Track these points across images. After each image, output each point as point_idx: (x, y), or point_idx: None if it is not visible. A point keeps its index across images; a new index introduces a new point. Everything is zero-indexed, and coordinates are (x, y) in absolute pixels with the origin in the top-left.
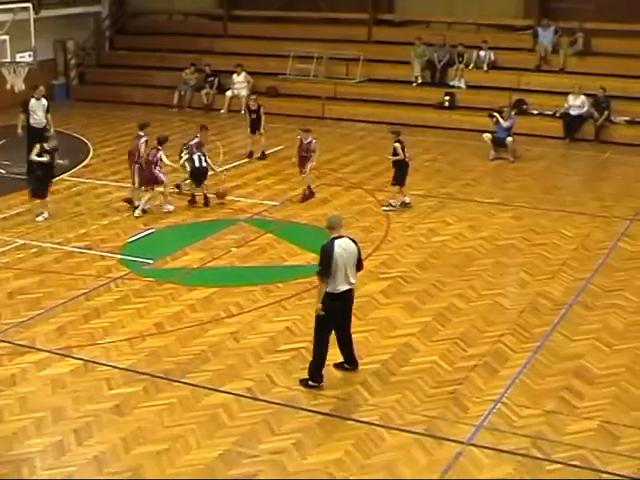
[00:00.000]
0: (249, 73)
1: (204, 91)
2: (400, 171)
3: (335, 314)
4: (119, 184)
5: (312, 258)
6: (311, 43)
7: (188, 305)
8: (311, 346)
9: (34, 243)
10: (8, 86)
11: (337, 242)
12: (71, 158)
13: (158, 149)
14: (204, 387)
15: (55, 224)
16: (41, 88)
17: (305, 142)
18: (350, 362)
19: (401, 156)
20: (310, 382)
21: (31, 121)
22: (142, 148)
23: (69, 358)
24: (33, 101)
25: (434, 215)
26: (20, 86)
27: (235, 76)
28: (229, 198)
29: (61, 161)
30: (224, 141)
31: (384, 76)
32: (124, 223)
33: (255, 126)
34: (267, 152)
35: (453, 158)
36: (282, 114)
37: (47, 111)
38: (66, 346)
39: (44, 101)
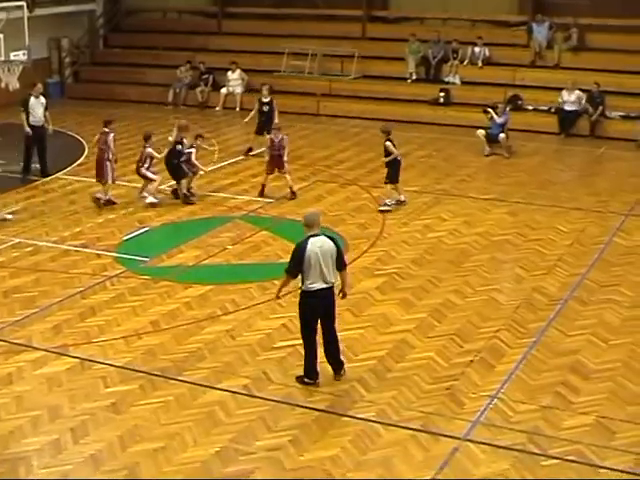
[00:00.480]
0: (244, 70)
1: (199, 89)
2: (393, 169)
3: (312, 312)
4: (115, 182)
5: None
6: (306, 40)
7: (184, 303)
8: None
9: (29, 242)
10: (2, 85)
11: (312, 240)
12: (66, 156)
13: (145, 147)
14: (200, 385)
15: (50, 222)
16: (39, 86)
17: (277, 140)
18: (333, 364)
19: (394, 154)
20: (306, 379)
21: (30, 119)
22: (112, 144)
23: (65, 357)
24: (32, 99)
25: (429, 211)
26: (14, 85)
27: (230, 73)
28: (224, 195)
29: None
30: (219, 138)
31: (379, 73)
32: (119, 221)
33: (266, 124)
34: (261, 150)
35: (448, 154)
36: (279, 111)
37: (46, 109)
38: (62, 345)
39: (42, 99)
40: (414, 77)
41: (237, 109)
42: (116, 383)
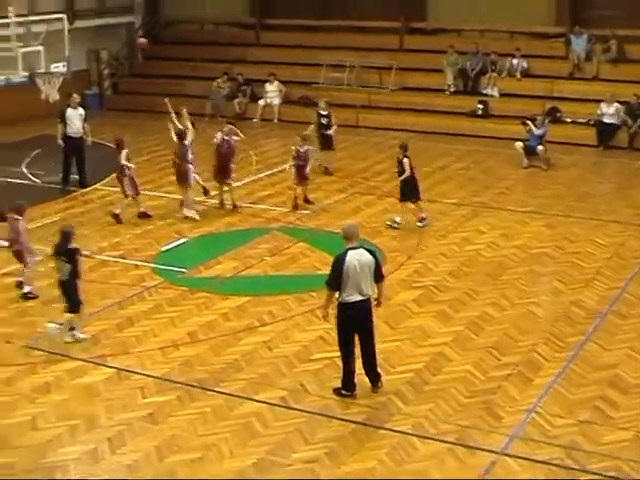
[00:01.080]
0: (282, 82)
1: (237, 100)
2: (409, 186)
3: (349, 324)
4: (153, 193)
5: None
6: (344, 52)
7: (221, 314)
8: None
9: None
10: (42, 96)
11: (350, 253)
12: (104, 168)
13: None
14: (237, 396)
15: (89, 233)
16: (75, 96)
17: (302, 150)
18: (370, 376)
19: (408, 173)
20: (343, 391)
21: (68, 130)
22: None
23: (103, 367)
24: (70, 110)
25: (467, 224)
26: (54, 96)
27: (268, 85)
28: (261, 206)
29: None
30: (257, 150)
31: (417, 84)
32: (157, 232)
33: (328, 138)
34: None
35: (486, 166)
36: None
37: (84, 120)
38: (100, 355)
39: (81, 110)
40: (452, 89)
41: (275, 120)
42: (153, 394)
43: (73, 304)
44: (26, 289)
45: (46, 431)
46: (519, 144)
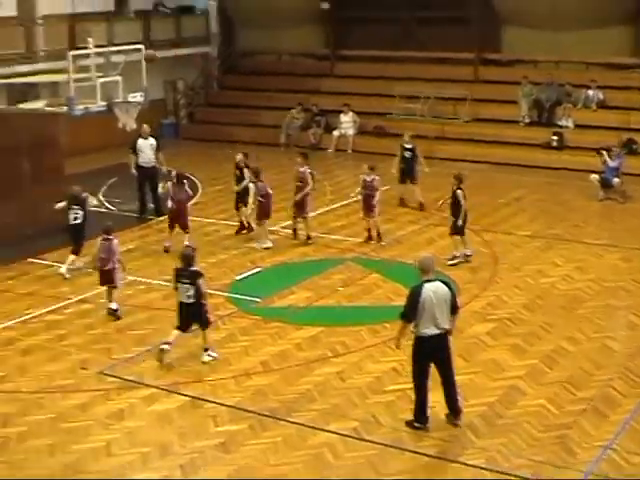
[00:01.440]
0: (356, 112)
1: (311, 130)
2: (459, 218)
3: (425, 357)
4: (227, 222)
5: None
6: (417, 82)
7: (294, 344)
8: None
9: (143, 280)
10: (120, 125)
11: (427, 285)
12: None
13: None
14: (309, 426)
15: (164, 261)
16: (145, 127)
17: (368, 180)
18: (451, 409)
19: (463, 205)
20: (415, 423)
21: (139, 160)
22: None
23: (176, 394)
24: (141, 140)
25: (542, 256)
26: (132, 125)
27: (342, 115)
28: (335, 237)
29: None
30: (331, 180)
31: (491, 116)
32: (231, 261)
33: (408, 172)
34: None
35: (561, 198)
36: (389, 154)
37: (157, 149)
38: (173, 382)
39: (152, 140)
40: (527, 120)
41: (349, 151)
42: (226, 422)
43: (204, 322)
44: (113, 306)
45: (120, 457)
46: (595, 176)
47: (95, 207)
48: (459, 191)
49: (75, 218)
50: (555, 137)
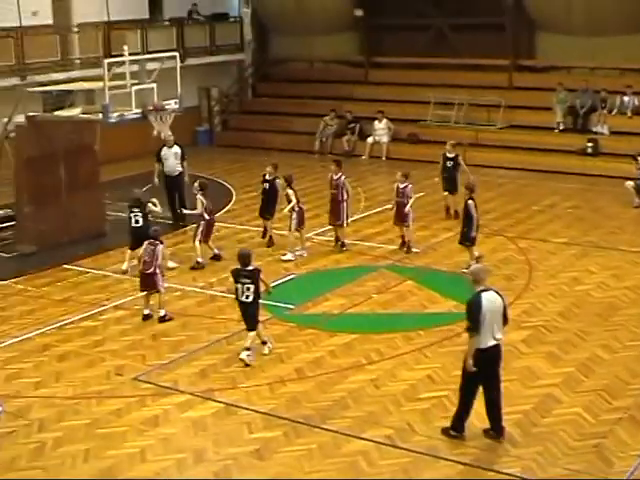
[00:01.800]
0: (390, 119)
1: (345, 137)
2: (471, 229)
3: (479, 369)
4: (261, 229)
5: (453, 306)
6: (452, 89)
7: (329, 351)
8: (452, 395)
9: (178, 287)
10: (155, 132)
11: (484, 295)
12: (214, 203)
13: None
14: (344, 434)
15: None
16: (170, 135)
17: (401, 187)
18: (494, 427)
19: (474, 214)
20: (452, 431)
21: (165, 169)
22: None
23: (210, 401)
24: (165, 149)
25: (577, 263)
26: (166, 133)
27: (376, 123)
28: (369, 244)
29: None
30: (365, 187)
31: (525, 122)
32: (266, 268)
33: (449, 181)
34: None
35: (596, 205)
36: (423, 160)
37: (182, 158)
38: (208, 389)
39: (176, 149)
40: (562, 127)
41: (383, 158)
42: (260, 429)
43: (254, 323)
44: (162, 312)
45: (154, 464)
46: (630, 183)
47: (155, 213)
48: (470, 201)
49: (136, 221)
50: (590, 144)
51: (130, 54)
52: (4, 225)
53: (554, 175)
